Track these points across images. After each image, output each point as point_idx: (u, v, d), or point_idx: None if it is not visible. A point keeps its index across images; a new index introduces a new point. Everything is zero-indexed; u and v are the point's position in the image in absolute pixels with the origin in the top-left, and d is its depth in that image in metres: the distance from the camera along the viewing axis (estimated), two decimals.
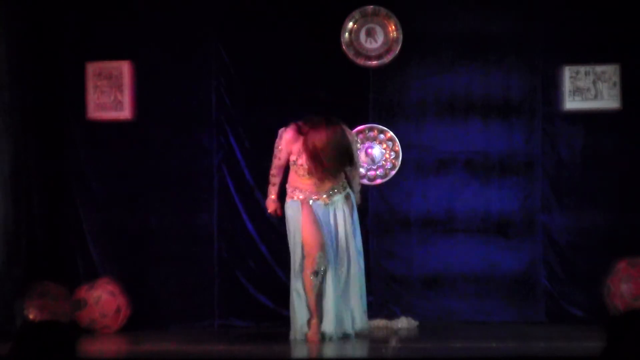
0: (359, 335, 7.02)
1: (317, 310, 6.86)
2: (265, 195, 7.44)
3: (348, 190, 7.07)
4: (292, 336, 6.97)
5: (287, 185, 7.05)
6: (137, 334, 7.59)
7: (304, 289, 6.88)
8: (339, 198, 7.00)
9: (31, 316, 7.26)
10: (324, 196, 6.96)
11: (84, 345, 6.67)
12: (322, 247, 6.85)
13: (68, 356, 3.53)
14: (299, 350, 6.73)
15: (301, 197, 6.95)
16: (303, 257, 6.89)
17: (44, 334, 3.54)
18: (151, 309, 7.90)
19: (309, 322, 6.90)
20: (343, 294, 6.92)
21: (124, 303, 7.69)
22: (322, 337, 6.83)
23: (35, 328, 3.61)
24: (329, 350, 6.69)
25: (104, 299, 7.60)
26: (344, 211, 6.97)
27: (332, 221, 6.95)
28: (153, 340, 7.30)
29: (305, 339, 6.84)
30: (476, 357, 6.43)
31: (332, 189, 6.98)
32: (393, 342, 7.08)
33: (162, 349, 6.89)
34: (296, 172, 6.97)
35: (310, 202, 6.94)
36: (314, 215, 6.91)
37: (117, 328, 7.66)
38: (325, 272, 6.83)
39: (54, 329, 3.58)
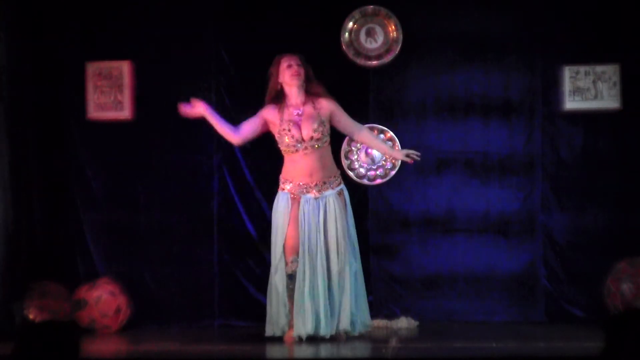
0: (361, 335, 7.02)
1: (293, 311, 6.81)
2: (265, 195, 7.43)
3: (342, 186, 7.02)
4: (269, 332, 6.93)
5: (280, 177, 7.01)
6: (137, 334, 7.60)
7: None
8: (330, 193, 6.90)
9: (31, 316, 7.27)
10: (314, 190, 6.91)
11: (84, 345, 6.66)
12: (297, 251, 6.81)
13: (70, 356, 3.53)
14: (297, 351, 6.72)
15: (291, 189, 6.91)
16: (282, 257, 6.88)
17: (45, 334, 3.54)
18: (151, 309, 7.91)
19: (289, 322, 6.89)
20: (331, 293, 6.85)
21: (124, 303, 7.69)
22: (299, 339, 6.77)
23: (36, 328, 3.60)
24: (329, 350, 6.69)
25: (104, 299, 7.59)
26: (335, 208, 6.86)
27: (321, 217, 6.83)
28: (153, 340, 7.30)
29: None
30: (476, 357, 6.43)
31: (323, 183, 6.91)
32: (393, 342, 7.07)
33: (162, 349, 6.90)
34: (286, 157, 6.93)
35: (300, 196, 6.90)
36: (297, 215, 6.87)
37: (117, 328, 7.65)
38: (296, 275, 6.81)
39: (54, 329, 3.58)
